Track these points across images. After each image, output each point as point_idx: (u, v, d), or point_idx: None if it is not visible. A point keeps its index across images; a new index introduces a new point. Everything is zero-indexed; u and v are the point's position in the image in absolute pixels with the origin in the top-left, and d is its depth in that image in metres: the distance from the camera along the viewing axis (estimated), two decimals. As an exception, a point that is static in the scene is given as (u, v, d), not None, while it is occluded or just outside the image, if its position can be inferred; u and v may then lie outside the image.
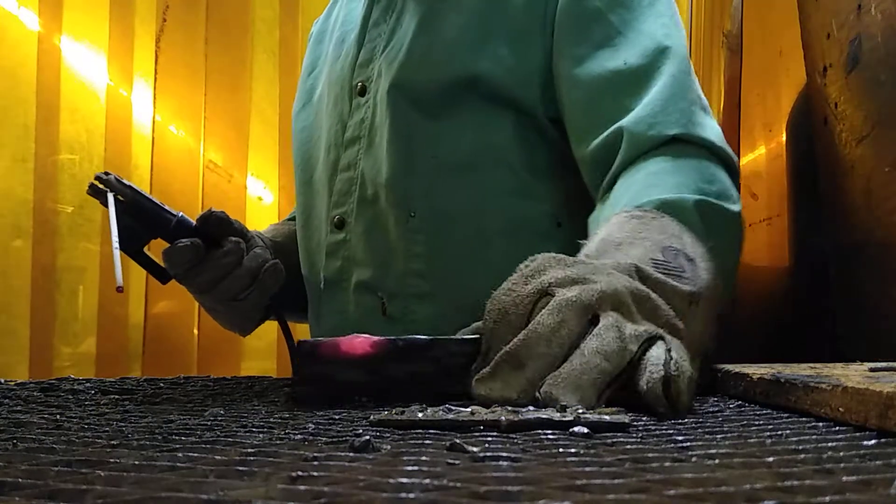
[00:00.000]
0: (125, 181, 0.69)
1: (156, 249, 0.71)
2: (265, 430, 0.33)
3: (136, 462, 0.26)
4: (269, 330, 1.48)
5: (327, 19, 0.91)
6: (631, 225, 0.55)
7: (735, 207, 0.60)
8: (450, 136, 0.73)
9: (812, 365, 0.44)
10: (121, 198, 0.68)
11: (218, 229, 0.72)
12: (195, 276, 0.72)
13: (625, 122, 0.65)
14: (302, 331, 0.95)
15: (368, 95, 0.76)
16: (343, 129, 0.78)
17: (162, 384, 0.57)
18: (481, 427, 0.33)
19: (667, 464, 0.24)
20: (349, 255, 0.77)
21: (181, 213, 0.71)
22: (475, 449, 0.27)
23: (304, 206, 0.82)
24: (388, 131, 0.73)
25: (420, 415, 0.35)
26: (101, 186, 0.68)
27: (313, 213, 0.81)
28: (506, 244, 0.70)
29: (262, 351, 1.49)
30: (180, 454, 0.27)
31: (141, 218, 0.68)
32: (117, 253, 0.64)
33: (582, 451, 0.27)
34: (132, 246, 0.70)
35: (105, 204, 0.68)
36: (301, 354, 0.44)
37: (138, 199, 0.69)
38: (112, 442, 0.30)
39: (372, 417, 0.35)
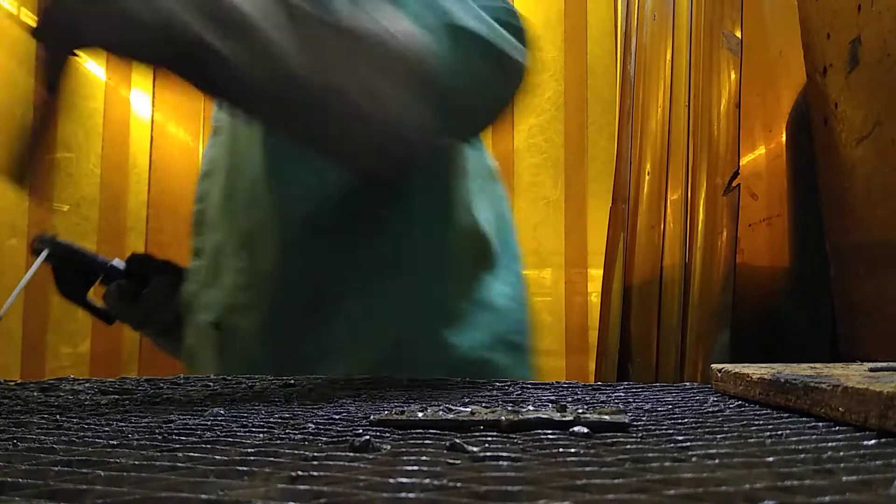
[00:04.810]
0: (61, 240, 0.82)
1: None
2: (265, 430, 0.33)
3: (136, 462, 0.26)
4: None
5: None
6: None
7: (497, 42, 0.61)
8: None
9: (812, 365, 0.44)
10: (57, 253, 0.80)
11: (142, 268, 0.84)
12: (130, 314, 0.82)
13: None
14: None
15: (221, 135, 0.81)
16: (204, 164, 0.84)
17: (162, 384, 0.56)
18: (481, 427, 0.33)
19: (667, 464, 0.24)
20: (197, 280, 0.81)
21: (113, 260, 0.83)
22: (475, 449, 0.27)
23: None
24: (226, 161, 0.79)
25: (420, 415, 0.35)
26: (39, 245, 0.80)
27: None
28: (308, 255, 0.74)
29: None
30: (180, 454, 0.27)
31: (78, 268, 0.81)
32: (13, 295, 0.77)
33: (582, 451, 0.27)
34: (76, 294, 0.82)
35: (46, 261, 0.80)
36: None
37: (73, 252, 0.81)
38: (112, 442, 0.30)
39: (372, 417, 0.35)
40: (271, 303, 0.72)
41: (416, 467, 0.24)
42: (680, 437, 0.30)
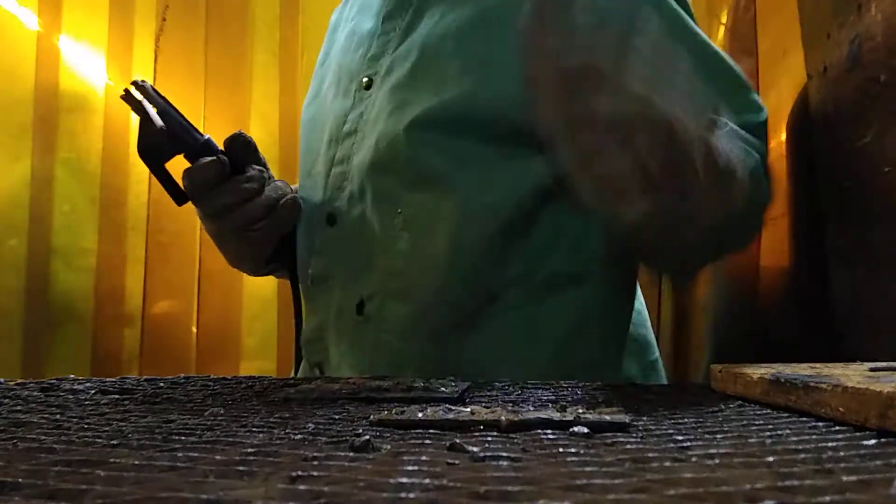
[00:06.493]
0: (160, 94, 0.70)
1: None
2: (265, 429, 0.33)
3: (136, 462, 0.26)
4: (269, 329, 1.48)
5: (344, 7, 0.89)
6: None
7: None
8: None
9: (812, 365, 0.44)
10: (153, 106, 0.69)
11: (244, 153, 0.73)
12: (214, 198, 0.72)
13: None
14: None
15: (373, 90, 0.75)
16: (343, 123, 0.76)
17: (162, 384, 0.56)
18: (481, 427, 0.33)
19: (667, 464, 0.24)
20: (336, 253, 0.75)
21: (209, 136, 0.72)
22: (475, 449, 0.27)
23: (304, 200, 0.80)
24: (381, 124, 0.71)
25: (420, 415, 0.35)
26: (134, 93, 0.69)
27: (309, 207, 0.79)
28: (484, 250, 0.68)
29: (262, 351, 1.49)
30: (180, 454, 0.27)
31: (168, 131, 0.69)
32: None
33: (582, 451, 0.27)
34: (155, 158, 0.70)
35: (136, 111, 0.69)
36: None
37: (169, 112, 0.70)
38: (112, 442, 0.30)
39: (372, 417, 0.35)
40: (430, 296, 0.67)
41: (416, 467, 0.24)
42: (680, 437, 0.30)
